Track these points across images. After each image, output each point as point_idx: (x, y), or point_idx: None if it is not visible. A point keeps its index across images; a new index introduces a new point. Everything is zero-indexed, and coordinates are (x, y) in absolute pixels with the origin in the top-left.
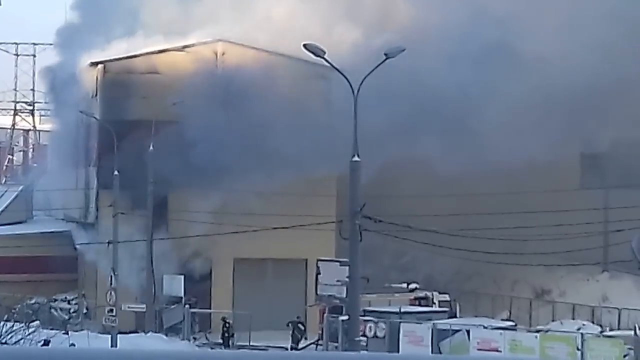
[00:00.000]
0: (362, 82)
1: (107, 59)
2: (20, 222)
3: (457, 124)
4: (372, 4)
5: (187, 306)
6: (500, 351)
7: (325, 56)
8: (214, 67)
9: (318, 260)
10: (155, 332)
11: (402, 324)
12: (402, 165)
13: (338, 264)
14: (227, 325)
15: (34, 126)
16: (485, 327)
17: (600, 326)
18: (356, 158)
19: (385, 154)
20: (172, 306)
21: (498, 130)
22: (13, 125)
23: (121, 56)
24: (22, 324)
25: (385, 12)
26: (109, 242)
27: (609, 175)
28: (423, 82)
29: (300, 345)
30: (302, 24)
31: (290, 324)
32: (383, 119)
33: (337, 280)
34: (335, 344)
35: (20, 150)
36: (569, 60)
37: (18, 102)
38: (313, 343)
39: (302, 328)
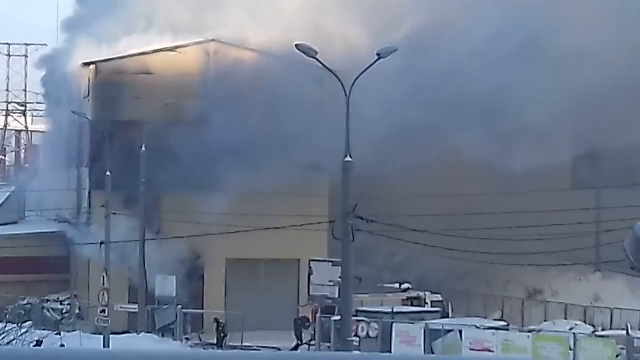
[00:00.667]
0: (354, 82)
1: (100, 59)
2: (12, 223)
3: (487, 121)
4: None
5: (179, 306)
6: (493, 351)
7: (319, 56)
8: (206, 68)
9: (310, 260)
10: (148, 332)
11: (394, 324)
12: (396, 166)
13: (331, 264)
14: (220, 325)
15: (26, 127)
16: (477, 327)
17: (593, 326)
18: (348, 158)
19: (416, 151)
20: (165, 306)
21: (528, 128)
22: (5, 125)
23: (113, 57)
24: (15, 325)
25: (409, 9)
26: (101, 243)
27: (601, 175)
28: (454, 80)
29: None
30: (316, 21)
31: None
32: (416, 117)
33: (330, 281)
34: (328, 344)
35: (12, 151)
36: (599, 57)
37: (10, 102)
38: (305, 343)
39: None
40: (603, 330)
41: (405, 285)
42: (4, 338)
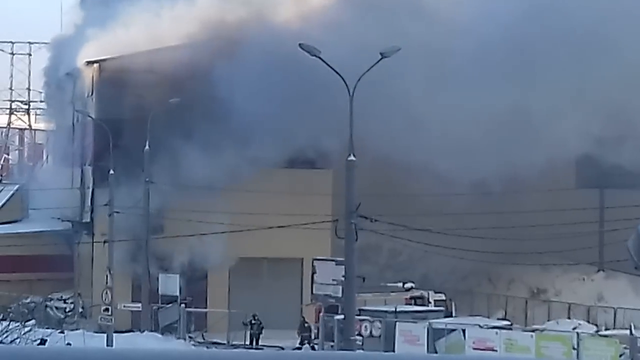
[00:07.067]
0: (357, 82)
1: (103, 57)
2: (15, 221)
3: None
4: None
5: (182, 305)
6: (496, 350)
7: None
8: (209, 65)
9: (314, 259)
10: (151, 331)
11: (397, 323)
12: (399, 165)
13: (334, 263)
14: (259, 321)
15: (30, 125)
16: (481, 327)
17: (596, 325)
18: (352, 157)
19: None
20: (168, 305)
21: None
22: (9, 124)
23: (117, 55)
24: (18, 323)
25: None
26: (105, 241)
27: (604, 174)
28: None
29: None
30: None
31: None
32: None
33: (333, 280)
34: (331, 343)
35: (15, 149)
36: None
37: (14, 101)
38: (308, 342)
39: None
40: (606, 329)
41: (408, 285)
42: (7, 336)
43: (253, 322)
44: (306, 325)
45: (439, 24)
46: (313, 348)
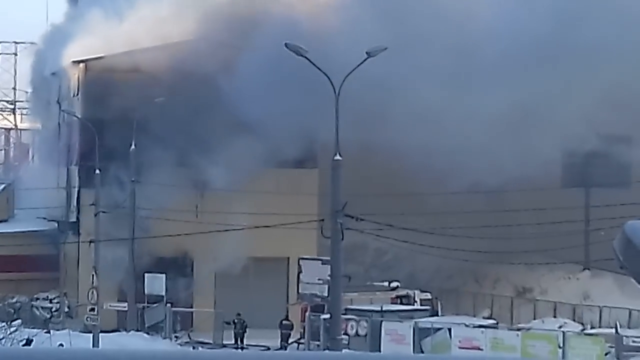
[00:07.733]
0: (343, 82)
1: (89, 57)
2: (1, 221)
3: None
4: None
5: (168, 305)
6: (482, 349)
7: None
8: (195, 65)
9: (300, 258)
10: (137, 330)
11: (383, 323)
12: (385, 163)
13: (320, 262)
14: (242, 320)
15: (16, 125)
16: (466, 326)
17: (582, 324)
18: (337, 157)
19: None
20: (154, 305)
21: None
22: None
23: (103, 54)
24: (4, 323)
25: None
26: (90, 241)
27: (590, 173)
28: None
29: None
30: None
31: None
32: None
33: (319, 279)
34: (317, 343)
35: (1, 149)
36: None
37: None
38: (295, 342)
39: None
40: (592, 328)
41: (394, 284)
42: None
43: (236, 321)
44: (284, 323)
45: (458, 25)
46: (285, 348)
